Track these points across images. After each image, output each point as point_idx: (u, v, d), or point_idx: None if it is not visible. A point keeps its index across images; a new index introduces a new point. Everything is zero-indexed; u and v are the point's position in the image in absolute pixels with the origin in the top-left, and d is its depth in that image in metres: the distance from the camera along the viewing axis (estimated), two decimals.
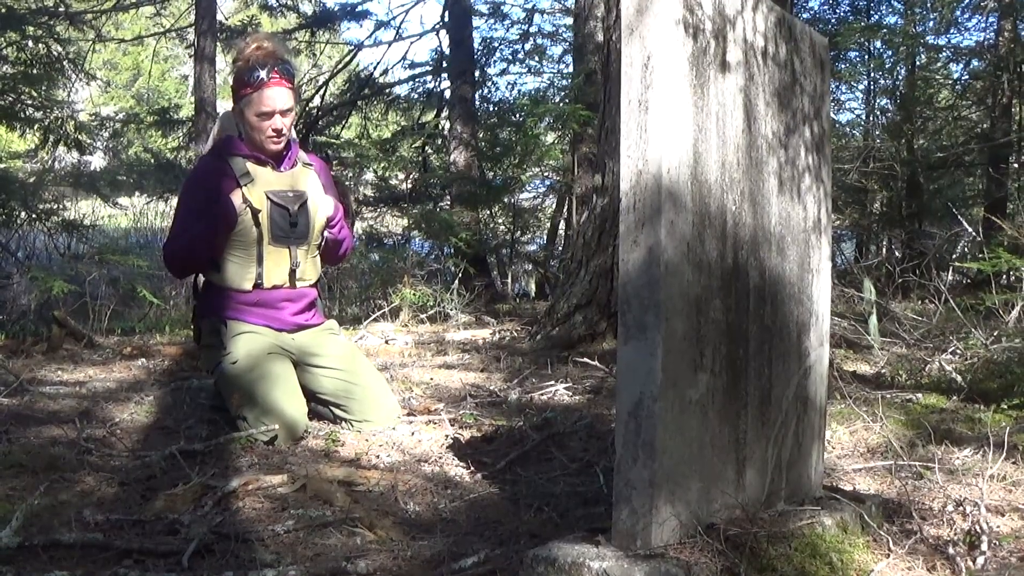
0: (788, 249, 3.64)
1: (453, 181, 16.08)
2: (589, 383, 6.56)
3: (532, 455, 4.89)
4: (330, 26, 20.04)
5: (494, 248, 16.00)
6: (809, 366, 3.81)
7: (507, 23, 20.02)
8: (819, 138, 3.86)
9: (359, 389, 5.50)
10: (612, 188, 7.83)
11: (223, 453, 4.83)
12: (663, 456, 2.99)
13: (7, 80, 14.76)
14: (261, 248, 5.43)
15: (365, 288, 13.40)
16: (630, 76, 3.08)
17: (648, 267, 2.98)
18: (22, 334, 8.76)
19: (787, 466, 3.66)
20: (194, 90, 15.86)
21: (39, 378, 6.51)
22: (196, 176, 5.74)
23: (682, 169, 3.03)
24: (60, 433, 5.02)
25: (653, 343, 2.97)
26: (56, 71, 16.13)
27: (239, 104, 5.55)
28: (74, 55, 17.97)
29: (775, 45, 3.57)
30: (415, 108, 19.91)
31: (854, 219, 14.05)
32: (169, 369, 7.12)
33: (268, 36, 5.92)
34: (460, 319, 10.38)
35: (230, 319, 5.47)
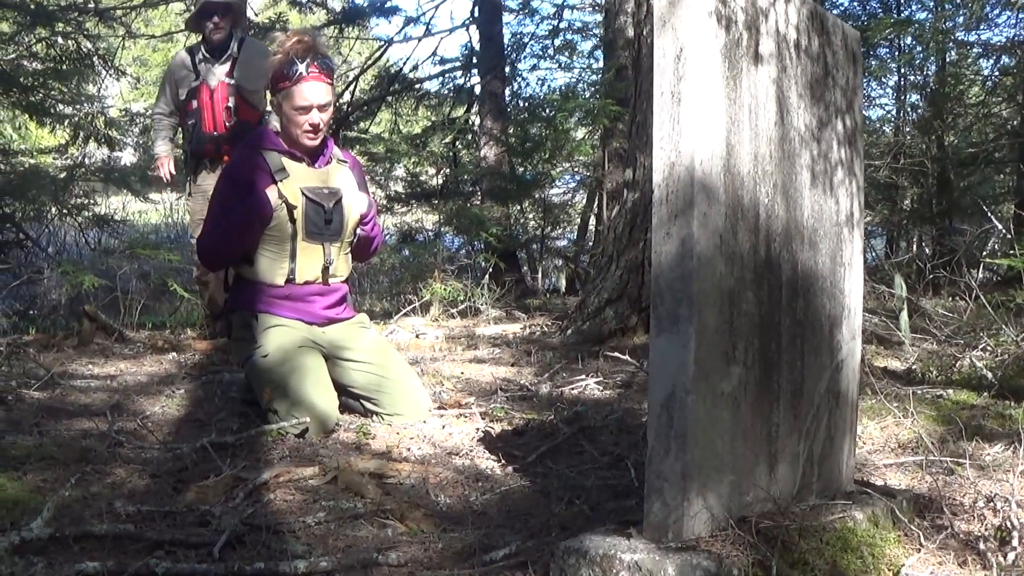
0: (820, 243, 3.62)
1: (483, 176, 16.08)
2: (620, 377, 6.55)
3: (563, 448, 4.89)
4: (359, 22, 20.04)
5: (524, 243, 15.99)
6: (841, 360, 3.80)
7: (537, 18, 20.02)
8: (851, 131, 3.84)
9: (390, 383, 5.50)
10: (643, 183, 7.82)
11: (254, 445, 4.84)
12: (695, 448, 2.99)
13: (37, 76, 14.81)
14: (295, 244, 5.44)
15: (396, 283, 13.41)
16: (663, 68, 3.08)
17: (681, 259, 2.97)
18: (53, 328, 8.79)
19: (819, 460, 3.64)
20: None
21: (70, 372, 6.53)
22: (231, 170, 5.75)
23: (715, 161, 3.02)
24: (91, 426, 5.04)
25: (686, 335, 2.96)
26: (86, 67, 16.18)
27: (276, 97, 5.55)
28: (104, 51, 18.01)
29: (807, 37, 3.55)
30: (445, 104, 19.91)
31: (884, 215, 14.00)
32: (200, 363, 7.15)
33: (308, 31, 5.94)
34: (491, 314, 10.37)
35: (261, 312, 5.48)
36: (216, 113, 8.42)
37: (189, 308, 10.89)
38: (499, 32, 17.56)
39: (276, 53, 5.63)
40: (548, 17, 20.07)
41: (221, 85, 8.42)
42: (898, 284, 7.42)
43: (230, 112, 8.40)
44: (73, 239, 16.41)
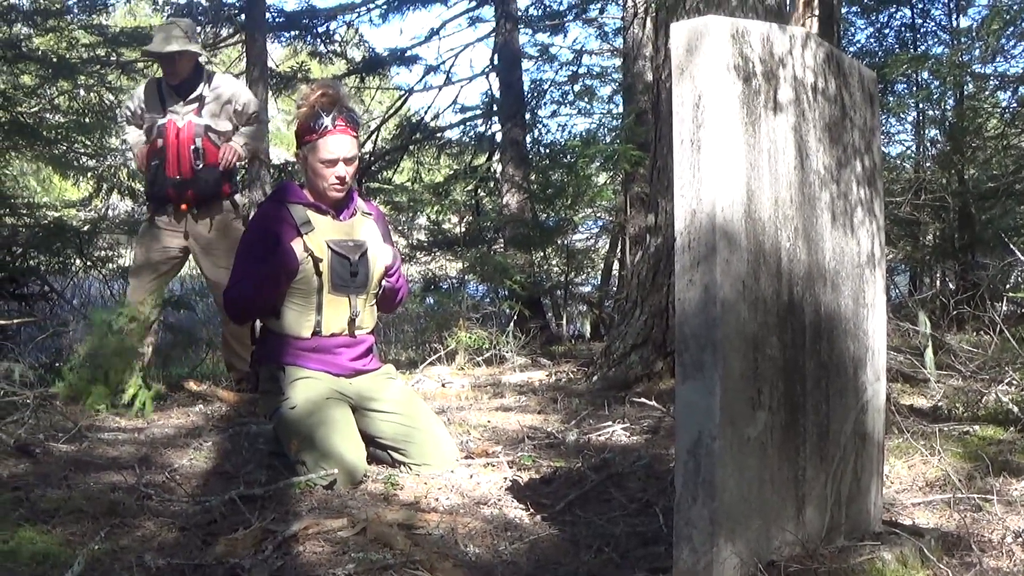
0: (842, 284, 3.63)
1: (506, 224, 16.08)
2: (647, 423, 6.54)
3: (591, 496, 4.88)
4: (379, 72, 20.11)
5: (548, 290, 15.97)
6: (866, 401, 3.80)
7: (556, 65, 20.05)
8: (871, 172, 3.85)
9: (417, 433, 5.50)
10: (665, 227, 7.83)
11: (283, 498, 4.84)
12: (723, 494, 3.00)
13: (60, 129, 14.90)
14: (321, 297, 5.47)
15: (421, 332, 13.41)
16: (681, 116, 3.10)
17: (704, 306, 2.99)
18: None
19: (846, 502, 3.65)
20: None
21: (97, 424, 6.54)
22: (257, 223, 5.78)
23: (736, 207, 3.04)
24: (119, 479, 5.04)
25: (711, 381, 2.97)
26: (108, 119, 16.26)
27: (302, 150, 5.58)
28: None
29: (825, 81, 3.57)
30: (467, 152, 19.96)
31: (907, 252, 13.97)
32: (227, 415, 7.15)
33: (331, 83, 5.95)
34: (516, 361, 10.37)
35: (288, 365, 5.49)
36: (182, 155, 7.93)
37: (216, 360, 10.90)
38: (519, 79, 17.59)
39: (300, 106, 5.66)
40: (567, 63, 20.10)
41: (188, 125, 7.96)
42: (922, 321, 7.42)
43: (197, 154, 7.93)
44: (98, 291, 16.46)
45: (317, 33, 19.24)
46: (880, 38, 15.84)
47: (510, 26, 17.20)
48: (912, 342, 8.29)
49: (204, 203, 8.09)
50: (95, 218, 16.22)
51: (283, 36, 19.33)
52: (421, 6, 19.36)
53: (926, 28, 15.55)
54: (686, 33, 3.13)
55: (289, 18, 18.90)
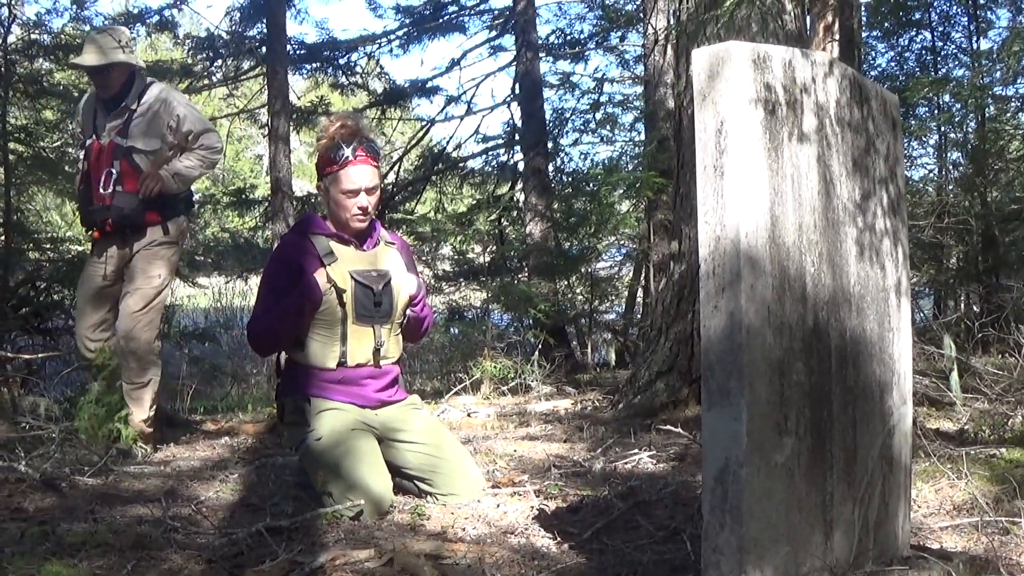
0: (868, 309, 3.62)
1: (530, 252, 16.09)
2: (673, 450, 6.53)
3: (618, 524, 4.87)
4: (401, 103, 20.16)
5: (573, 318, 15.96)
6: (893, 425, 3.79)
7: (577, 93, 20.07)
8: (895, 199, 3.85)
9: (444, 463, 5.50)
10: (689, 254, 7.83)
11: (309, 529, 4.84)
12: (750, 521, 2.98)
13: None
14: (345, 327, 5.49)
15: (446, 362, 13.42)
16: (704, 142, 3.10)
17: (730, 332, 2.98)
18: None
19: (874, 527, 3.63)
20: (269, 170, 15.99)
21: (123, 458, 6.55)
22: (279, 255, 5.80)
23: (760, 233, 3.03)
24: (146, 512, 5.05)
25: (737, 408, 2.97)
26: None
27: (324, 182, 5.60)
28: None
29: (848, 107, 3.57)
30: (489, 181, 19.98)
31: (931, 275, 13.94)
32: (253, 447, 7.16)
33: (351, 114, 5.96)
34: (541, 390, 10.36)
35: (314, 396, 5.51)
36: (101, 179, 7.08)
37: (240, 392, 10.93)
38: (540, 108, 17.60)
39: (321, 138, 5.69)
40: (588, 91, 20.13)
41: (109, 146, 7.12)
42: (947, 344, 7.39)
43: (109, 179, 7.05)
44: None
45: (338, 65, 19.32)
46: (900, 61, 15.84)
47: (531, 55, 17.22)
48: (937, 365, 8.27)
49: (124, 232, 7.18)
50: None
51: (304, 68, 19.40)
52: (441, 36, 19.42)
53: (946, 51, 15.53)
54: (708, 59, 3.13)
55: (310, 50, 18.97)
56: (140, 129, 7.16)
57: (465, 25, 19.72)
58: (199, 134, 7.32)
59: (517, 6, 17.36)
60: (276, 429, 7.45)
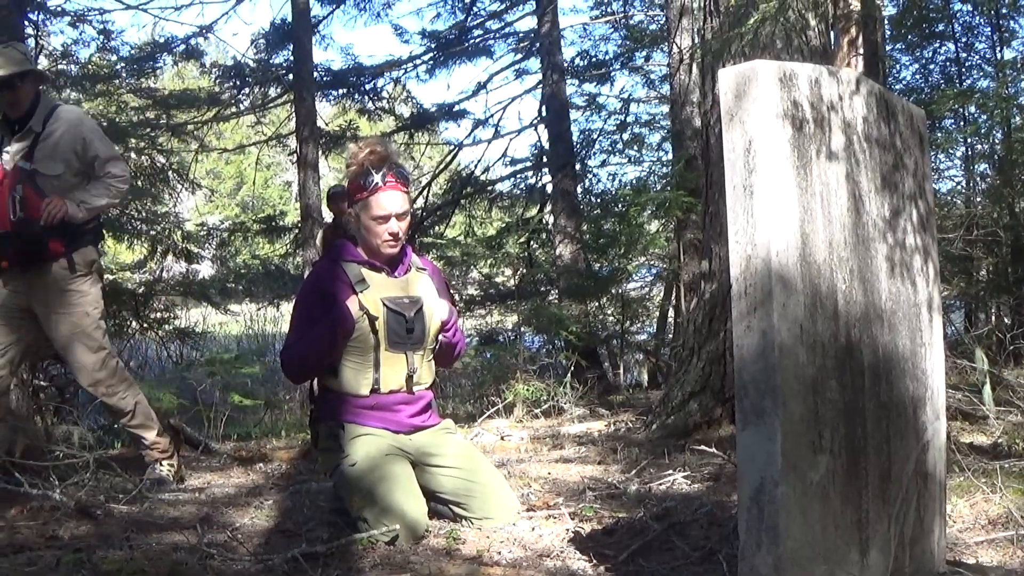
0: (899, 325, 3.61)
1: (560, 274, 16.13)
2: (707, 470, 6.52)
3: (654, 545, 4.85)
4: (428, 127, 20.23)
5: (604, 339, 15.98)
6: (927, 441, 3.78)
7: (604, 114, 20.11)
8: (924, 214, 3.84)
9: (478, 487, 5.49)
10: (719, 273, 7.83)
11: (345, 555, 4.84)
12: (787, 540, 2.98)
13: None
14: (378, 354, 5.48)
15: (478, 385, 13.42)
16: (733, 161, 3.10)
17: (763, 351, 2.98)
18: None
19: (910, 543, 3.62)
20: (299, 196, 16.07)
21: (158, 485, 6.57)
22: (312, 283, 5.81)
23: (790, 251, 3.03)
24: (181, 539, 5.07)
25: (772, 427, 2.96)
26: (161, 182, 16.41)
27: (354, 208, 5.60)
28: (178, 165, 18.30)
29: (875, 122, 3.56)
30: (518, 204, 20.03)
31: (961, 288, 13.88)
32: (287, 473, 7.17)
33: (380, 140, 5.97)
34: (574, 412, 10.36)
35: (348, 422, 5.51)
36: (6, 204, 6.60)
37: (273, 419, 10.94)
38: (567, 130, 17.65)
39: (350, 164, 5.70)
40: (615, 112, 20.17)
41: (14, 169, 6.66)
42: (979, 357, 7.36)
43: (14, 204, 6.59)
44: (155, 352, 16.59)
45: (365, 91, 19.42)
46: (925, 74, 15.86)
47: (557, 77, 17.28)
48: (969, 379, 8.25)
49: (28, 262, 6.70)
50: (150, 280, 16.37)
51: (331, 94, 19.50)
52: (467, 60, 19.50)
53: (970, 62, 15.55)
54: (734, 78, 3.14)
55: (337, 76, 19.06)
56: (45, 153, 6.73)
57: (491, 49, 19.81)
58: (106, 160, 6.89)
59: (542, 29, 17.44)
60: (310, 455, 7.47)
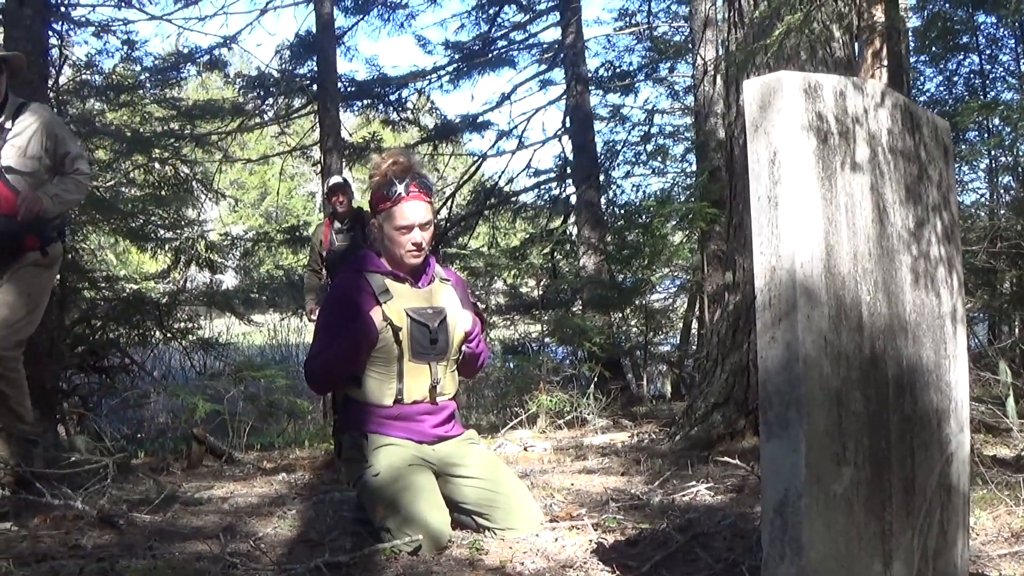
0: (924, 337, 3.61)
1: (584, 285, 16.13)
2: (731, 482, 6.51)
3: (677, 557, 4.84)
4: (452, 138, 20.26)
5: (628, 350, 15.97)
6: (951, 453, 3.77)
7: (628, 125, 20.11)
8: (948, 226, 3.83)
9: (502, 497, 5.49)
10: (743, 284, 7.82)
11: (368, 564, 4.84)
12: (810, 552, 2.97)
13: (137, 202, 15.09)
14: (402, 365, 5.49)
15: (501, 396, 13.45)
16: (757, 172, 3.09)
17: (787, 363, 2.97)
18: (161, 452, 8.89)
19: (933, 556, 3.61)
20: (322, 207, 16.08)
21: (181, 494, 6.58)
22: (335, 294, 5.82)
23: (815, 263, 3.03)
24: (204, 548, 5.08)
25: (796, 439, 2.95)
26: (185, 192, 16.47)
27: (377, 219, 5.61)
28: (202, 175, 18.36)
29: (900, 134, 3.56)
30: (542, 215, 20.04)
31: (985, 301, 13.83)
32: (310, 483, 7.18)
33: (403, 151, 5.98)
34: (598, 423, 10.36)
35: (371, 433, 5.51)
36: None
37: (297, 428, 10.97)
38: (591, 141, 17.66)
39: (373, 175, 5.71)
40: (639, 123, 20.17)
41: None
42: (1003, 370, 7.35)
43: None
44: (178, 362, 16.65)
45: (389, 101, 19.46)
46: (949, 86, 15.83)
47: (581, 88, 17.29)
48: (993, 391, 8.23)
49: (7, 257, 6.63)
50: (174, 290, 16.43)
51: (355, 105, 19.55)
52: (491, 71, 19.52)
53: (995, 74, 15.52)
54: (759, 89, 3.13)
55: (361, 87, 19.10)
56: (16, 149, 6.65)
57: (514, 59, 19.83)
58: (75, 158, 6.92)
59: (566, 40, 17.46)
60: (333, 465, 7.48)
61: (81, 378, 13.72)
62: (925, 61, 15.89)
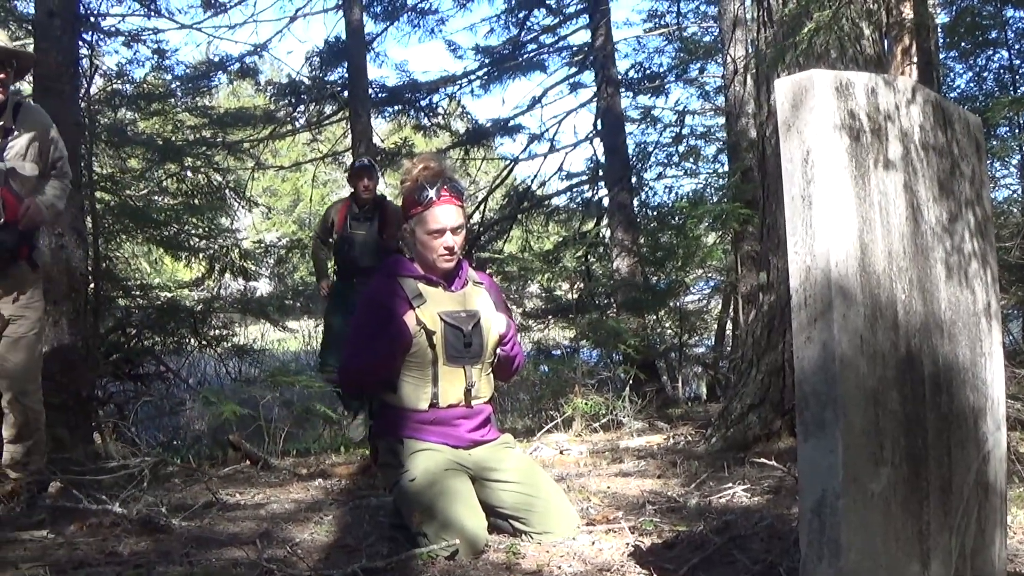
0: (959, 335, 3.59)
1: (618, 288, 16.10)
2: (767, 483, 6.49)
3: (714, 559, 4.83)
4: (484, 142, 20.25)
5: (663, 352, 15.95)
6: (987, 451, 3.75)
7: (659, 127, 20.08)
8: (982, 222, 3.81)
9: (538, 501, 5.49)
10: (777, 284, 7.79)
11: (405, 569, 4.85)
12: (848, 553, 2.96)
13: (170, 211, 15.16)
14: (436, 368, 5.50)
15: (536, 400, 13.41)
16: (790, 172, 3.08)
17: (823, 363, 2.96)
18: (198, 458, 8.91)
19: (971, 554, 3.59)
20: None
21: (217, 501, 6.59)
22: (369, 299, 5.82)
23: (850, 262, 3.01)
24: (241, 554, 5.08)
25: (833, 439, 2.94)
26: (218, 200, 16.52)
27: (409, 223, 5.62)
28: (234, 183, 18.41)
29: (932, 131, 3.54)
30: (575, 218, 20.01)
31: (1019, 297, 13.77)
32: (346, 488, 7.18)
33: (434, 155, 5.99)
34: (633, 426, 10.34)
35: (407, 438, 5.52)
36: None
37: (333, 434, 10.97)
38: (623, 143, 17.62)
39: (404, 180, 5.72)
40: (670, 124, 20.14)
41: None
42: None
43: None
44: (213, 369, 16.71)
45: (420, 106, 19.47)
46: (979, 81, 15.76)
47: (611, 90, 17.25)
48: None
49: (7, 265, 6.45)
50: (208, 298, 16.48)
51: (386, 111, 19.55)
52: (521, 75, 19.50)
53: None
54: (791, 88, 3.12)
55: (391, 93, 19.10)
56: (18, 151, 6.46)
57: (545, 63, 19.81)
58: (65, 160, 6.82)
59: (596, 42, 17.44)
60: (370, 471, 7.48)
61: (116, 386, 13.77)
62: (954, 57, 15.84)
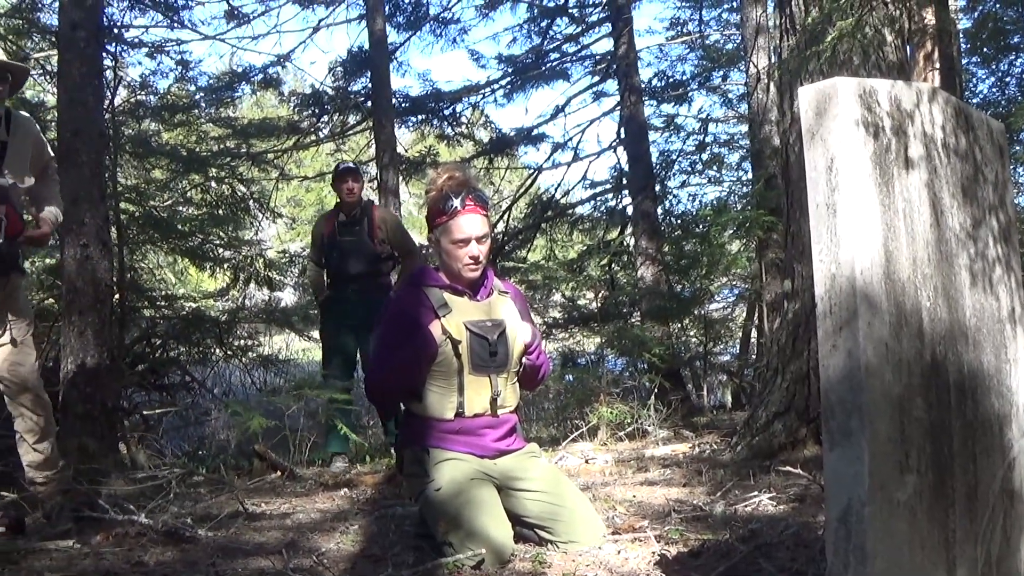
0: (984, 341, 3.58)
1: (642, 296, 16.09)
2: (793, 491, 6.48)
3: (740, 567, 4.82)
4: (507, 151, 20.27)
5: (687, 361, 15.95)
6: (1013, 458, 3.74)
7: (683, 135, 20.08)
8: (1006, 227, 3.80)
9: (564, 511, 5.48)
10: (802, 292, 7.78)
11: None
12: (875, 561, 2.95)
13: (194, 221, 15.21)
14: (462, 378, 5.50)
15: (561, 409, 13.41)
16: (815, 180, 3.08)
17: (849, 371, 2.95)
18: (223, 468, 8.93)
19: (996, 562, 3.57)
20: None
21: (243, 511, 6.60)
22: (394, 308, 5.83)
23: (875, 270, 3.01)
24: (267, 564, 5.10)
25: (859, 448, 2.94)
26: (242, 211, 16.56)
27: (434, 233, 5.63)
28: (258, 194, 18.45)
29: (954, 136, 3.54)
30: (599, 226, 20.01)
31: None
32: (372, 498, 7.19)
33: (458, 165, 6.00)
34: (659, 434, 10.33)
35: (432, 447, 5.53)
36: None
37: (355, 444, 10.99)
38: (646, 151, 17.62)
39: (429, 190, 5.73)
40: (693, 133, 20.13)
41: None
42: None
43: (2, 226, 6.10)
44: (239, 379, 16.75)
45: (443, 116, 19.51)
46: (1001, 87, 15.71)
47: (634, 99, 17.26)
48: None
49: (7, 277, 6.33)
50: (233, 308, 16.52)
51: (410, 121, 19.58)
52: (544, 84, 19.52)
53: None
54: (814, 96, 3.12)
55: (415, 103, 19.14)
56: (16, 162, 6.31)
57: (568, 72, 19.82)
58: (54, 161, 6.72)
59: (618, 51, 17.45)
60: (395, 480, 7.49)
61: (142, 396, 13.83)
62: (977, 62, 15.80)
